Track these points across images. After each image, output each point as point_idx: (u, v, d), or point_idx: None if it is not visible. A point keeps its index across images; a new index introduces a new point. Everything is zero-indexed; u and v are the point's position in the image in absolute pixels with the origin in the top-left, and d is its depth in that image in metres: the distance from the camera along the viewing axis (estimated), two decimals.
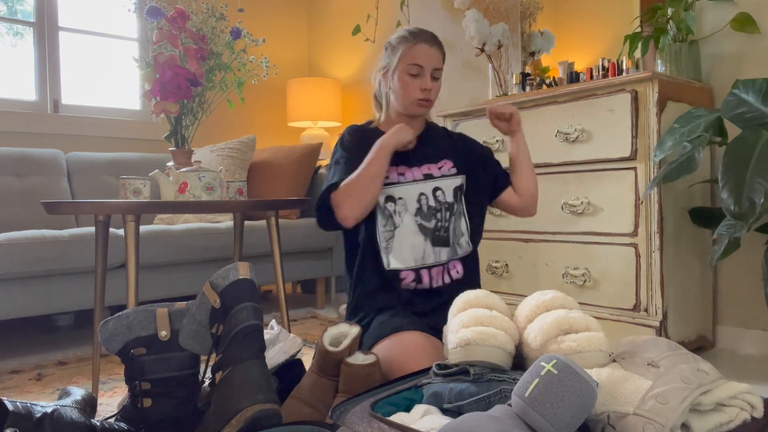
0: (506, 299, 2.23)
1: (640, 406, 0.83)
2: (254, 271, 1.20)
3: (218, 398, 1.04)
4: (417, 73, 1.47)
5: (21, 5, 2.96)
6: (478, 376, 1.00)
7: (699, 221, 1.93)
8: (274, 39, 3.85)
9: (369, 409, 0.96)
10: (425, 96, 1.48)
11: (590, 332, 1.00)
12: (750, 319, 1.99)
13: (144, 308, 1.21)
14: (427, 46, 1.48)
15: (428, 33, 1.51)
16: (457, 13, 2.80)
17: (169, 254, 2.32)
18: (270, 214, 1.85)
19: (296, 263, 2.79)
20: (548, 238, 2.10)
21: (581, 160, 1.98)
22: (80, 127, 3.03)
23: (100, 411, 1.49)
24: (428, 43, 1.48)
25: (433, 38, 1.51)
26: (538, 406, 0.77)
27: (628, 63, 2.14)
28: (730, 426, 0.87)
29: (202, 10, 1.84)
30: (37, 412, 0.99)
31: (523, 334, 1.08)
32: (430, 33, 1.51)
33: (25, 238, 2.00)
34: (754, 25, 1.93)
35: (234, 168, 2.83)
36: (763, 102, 1.56)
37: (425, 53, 1.48)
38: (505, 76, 2.59)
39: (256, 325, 1.12)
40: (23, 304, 2.00)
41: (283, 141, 3.89)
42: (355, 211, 1.41)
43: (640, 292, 1.84)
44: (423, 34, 1.50)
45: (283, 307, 1.87)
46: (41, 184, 2.64)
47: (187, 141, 1.83)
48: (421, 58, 1.47)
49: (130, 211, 1.53)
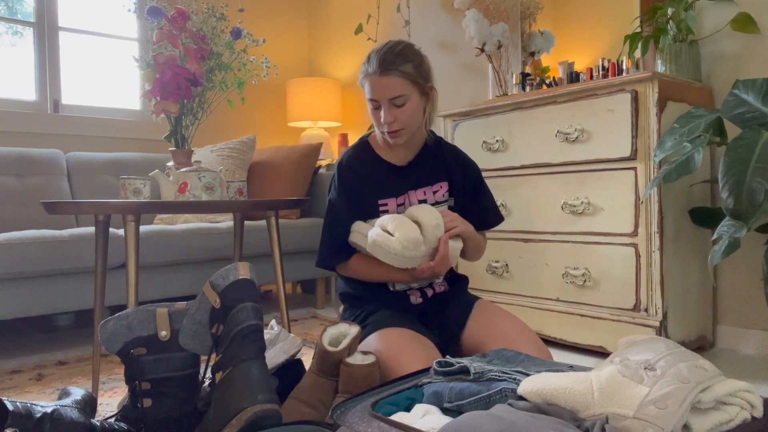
0: (506, 299, 2.24)
1: (639, 410, 0.83)
2: (254, 271, 1.20)
3: (218, 398, 1.04)
4: (376, 106, 1.41)
5: (21, 5, 2.96)
6: (478, 375, 1.00)
7: (699, 221, 1.93)
8: (274, 39, 3.85)
9: (369, 408, 0.96)
10: (388, 129, 1.41)
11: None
12: (750, 319, 1.99)
13: (144, 308, 1.21)
14: (377, 77, 1.37)
15: (380, 60, 1.37)
16: (457, 13, 2.80)
17: (169, 254, 2.32)
18: (270, 214, 1.85)
19: (296, 263, 2.79)
20: (548, 238, 2.10)
21: (581, 160, 1.98)
22: (80, 127, 3.03)
23: (100, 411, 1.48)
24: (378, 73, 1.36)
25: (385, 64, 1.36)
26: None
27: (628, 63, 2.14)
28: (730, 425, 0.87)
29: (202, 10, 1.84)
30: (37, 412, 0.99)
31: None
32: (382, 59, 1.37)
33: (25, 238, 2.00)
34: (754, 25, 1.93)
35: (234, 168, 2.83)
36: (763, 102, 1.56)
37: (375, 86, 1.38)
38: (505, 76, 2.59)
39: (256, 325, 1.12)
40: (23, 304, 2.00)
41: (283, 141, 3.89)
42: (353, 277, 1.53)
43: (640, 292, 1.84)
44: (374, 63, 1.38)
45: (283, 307, 1.87)
46: (41, 184, 2.64)
47: (187, 141, 1.83)
48: (373, 92, 1.38)
49: (130, 211, 1.53)
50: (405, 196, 1.50)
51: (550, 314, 2.09)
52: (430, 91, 1.45)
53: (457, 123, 2.42)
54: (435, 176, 1.54)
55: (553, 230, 2.08)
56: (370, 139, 1.57)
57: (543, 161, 2.09)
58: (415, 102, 1.41)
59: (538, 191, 2.12)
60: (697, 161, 1.60)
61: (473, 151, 2.30)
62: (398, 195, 1.50)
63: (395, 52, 1.38)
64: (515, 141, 2.19)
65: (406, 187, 1.50)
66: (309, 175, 2.98)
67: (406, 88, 1.38)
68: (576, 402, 0.87)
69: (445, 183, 1.55)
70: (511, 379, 0.99)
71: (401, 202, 1.50)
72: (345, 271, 1.51)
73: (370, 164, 1.51)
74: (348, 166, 1.51)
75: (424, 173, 1.52)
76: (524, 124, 2.15)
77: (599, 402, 0.87)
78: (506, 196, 2.22)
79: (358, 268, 1.48)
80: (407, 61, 1.38)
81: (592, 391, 0.87)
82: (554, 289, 2.08)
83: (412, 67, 1.38)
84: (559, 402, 0.88)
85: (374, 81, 1.37)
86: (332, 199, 1.51)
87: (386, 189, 1.49)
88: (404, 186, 1.50)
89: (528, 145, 2.14)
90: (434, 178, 1.54)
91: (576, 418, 0.86)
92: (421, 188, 1.52)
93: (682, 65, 1.99)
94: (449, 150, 1.60)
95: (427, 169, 1.53)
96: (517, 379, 0.98)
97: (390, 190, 1.49)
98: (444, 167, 1.56)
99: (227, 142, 2.93)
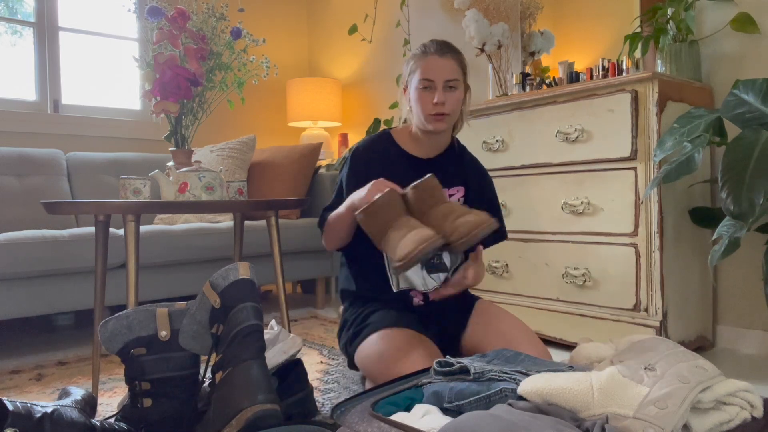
0: (506, 299, 2.23)
1: (639, 410, 0.83)
2: (254, 271, 1.20)
3: (218, 398, 1.04)
4: (428, 86, 1.44)
5: (21, 5, 2.96)
6: (478, 375, 1.00)
7: (699, 221, 1.93)
8: (274, 39, 3.85)
9: (369, 408, 0.96)
10: (437, 110, 1.44)
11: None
12: (750, 319, 2.00)
13: (144, 308, 1.21)
14: (437, 57, 1.44)
15: (440, 43, 1.47)
16: (457, 13, 2.80)
17: (169, 254, 2.32)
18: (270, 214, 1.85)
19: (296, 263, 2.79)
20: (548, 238, 2.10)
21: (581, 160, 1.98)
22: (80, 127, 3.03)
23: (100, 411, 1.48)
24: (438, 53, 1.44)
25: (444, 48, 1.46)
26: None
27: (628, 63, 2.14)
28: (731, 425, 0.87)
29: (202, 10, 1.84)
30: (37, 412, 0.99)
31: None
32: (441, 43, 1.47)
33: (25, 238, 2.00)
34: (754, 25, 1.93)
35: (234, 168, 2.83)
36: (763, 102, 1.56)
37: (434, 65, 1.44)
38: (505, 76, 2.59)
39: (256, 325, 1.12)
40: (23, 304, 2.00)
41: (283, 141, 3.89)
42: (330, 245, 1.55)
43: (640, 292, 1.84)
44: (433, 45, 1.47)
45: (283, 307, 1.87)
46: (41, 184, 2.64)
47: (187, 141, 1.83)
48: (431, 72, 1.44)
49: (130, 211, 1.53)
50: None
51: (550, 314, 2.09)
52: (468, 91, 1.53)
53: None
54: (453, 179, 1.55)
55: (553, 230, 2.08)
56: (393, 131, 1.58)
57: (543, 161, 2.09)
58: (462, 92, 1.49)
59: (538, 191, 2.12)
60: (697, 161, 1.60)
61: (473, 151, 2.29)
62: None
63: (448, 43, 1.49)
64: (515, 141, 2.19)
65: None
66: (309, 175, 2.98)
67: (459, 75, 1.47)
68: (576, 402, 0.87)
69: (462, 188, 1.56)
70: (511, 379, 0.99)
71: None
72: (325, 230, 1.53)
73: (389, 154, 1.51)
74: (363, 153, 1.54)
75: (443, 174, 1.52)
76: (524, 124, 2.15)
77: (599, 402, 0.87)
78: (506, 196, 2.22)
79: (328, 222, 1.51)
80: (459, 53, 1.49)
81: (592, 391, 0.87)
82: (554, 289, 2.08)
83: (463, 59, 1.50)
84: (559, 402, 0.88)
85: (433, 61, 1.44)
86: (342, 179, 1.54)
87: (399, 181, 1.49)
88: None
89: (528, 145, 2.14)
90: (452, 181, 1.55)
91: (576, 418, 0.86)
92: None
93: (682, 65, 1.99)
94: (470, 159, 1.64)
95: (446, 170, 1.55)
96: (517, 379, 0.98)
97: (402, 182, 1.48)
98: (463, 173, 1.58)
99: (227, 142, 2.93)
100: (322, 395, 1.56)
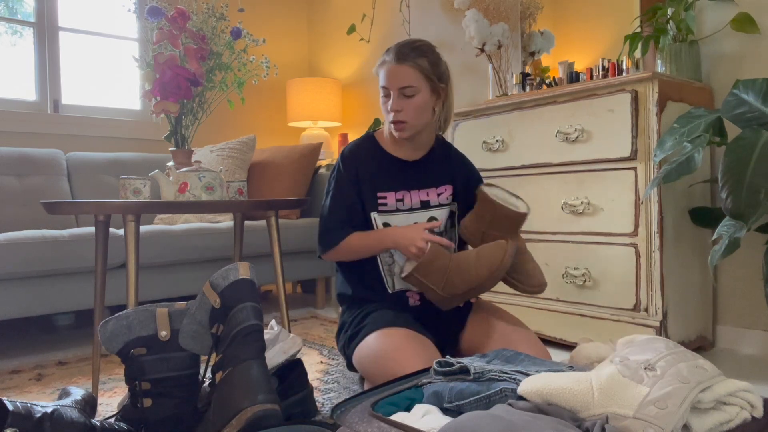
0: (506, 299, 2.23)
1: (639, 410, 0.83)
2: (254, 271, 1.20)
3: (218, 398, 1.04)
4: (386, 94, 1.43)
5: (21, 5, 2.96)
6: (478, 375, 1.00)
7: (699, 221, 1.93)
8: (274, 39, 3.85)
9: (369, 408, 0.96)
10: (394, 118, 1.43)
11: None
12: (750, 319, 2.00)
13: (144, 308, 1.21)
14: (392, 64, 1.41)
15: (400, 48, 1.42)
16: (457, 13, 2.80)
17: (169, 254, 2.32)
18: (270, 214, 1.85)
19: (296, 263, 2.79)
20: (548, 238, 2.10)
21: (581, 160, 1.98)
22: (80, 127, 3.03)
23: (100, 411, 1.48)
24: (394, 60, 1.41)
25: (402, 54, 1.41)
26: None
27: (628, 63, 2.14)
28: (731, 425, 0.87)
29: (202, 10, 1.84)
30: (37, 412, 0.99)
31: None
32: (402, 47, 1.42)
33: (25, 238, 2.00)
34: (754, 25, 1.93)
35: (234, 168, 2.83)
36: (763, 102, 1.56)
37: (388, 73, 1.42)
38: (505, 76, 2.59)
39: (256, 325, 1.12)
40: (23, 304, 2.00)
41: (283, 141, 3.89)
42: (337, 259, 1.53)
43: (640, 292, 1.84)
44: (392, 52, 1.43)
45: (283, 307, 1.87)
46: (41, 184, 2.64)
47: (187, 141, 1.83)
48: (386, 79, 1.42)
49: (130, 211, 1.53)
50: (405, 193, 1.50)
51: (549, 314, 2.09)
52: (442, 92, 1.47)
53: (457, 123, 2.42)
54: (440, 179, 1.55)
55: (553, 230, 2.08)
56: (376, 134, 1.58)
57: (543, 161, 2.09)
58: (424, 97, 1.43)
59: (538, 191, 2.12)
60: (697, 161, 1.60)
61: (473, 151, 2.30)
62: (398, 190, 1.50)
63: (413, 45, 1.43)
64: (515, 141, 2.19)
65: (407, 184, 1.51)
66: (309, 175, 2.98)
67: (417, 81, 1.41)
68: (576, 402, 0.87)
69: (450, 186, 1.55)
70: (511, 379, 0.99)
71: (400, 198, 1.50)
72: (335, 253, 1.49)
73: (374, 156, 1.51)
74: (351, 154, 1.53)
75: (428, 174, 1.53)
76: (524, 124, 2.15)
77: (599, 402, 0.87)
78: None
79: (346, 248, 1.47)
80: (423, 56, 1.42)
81: (592, 391, 0.87)
82: (554, 289, 2.08)
83: (427, 63, 1.42)
84: (559, 402, 0.88)
85: (388, 69, 1.42)
86: (332, 183, 1.53)
87: (386, 182, 1.50)
88: (405, 182, 1.51)
89: (528, 145, 2.14)
90: (439, 180, 1.54)
91: (576, 418, 0.86)
92: (425, 189, 1.52)
93: (682, 65, 1.99)
94: (456, 155, 1.63)
95: (432, 170, 1.54)
96: (517, 379, 0.98)
97: (390, 183, 1.49)
98: (449, 172, 1.57)
99: (227, 142, 2.93)
100: (322, 395, 1.56)
